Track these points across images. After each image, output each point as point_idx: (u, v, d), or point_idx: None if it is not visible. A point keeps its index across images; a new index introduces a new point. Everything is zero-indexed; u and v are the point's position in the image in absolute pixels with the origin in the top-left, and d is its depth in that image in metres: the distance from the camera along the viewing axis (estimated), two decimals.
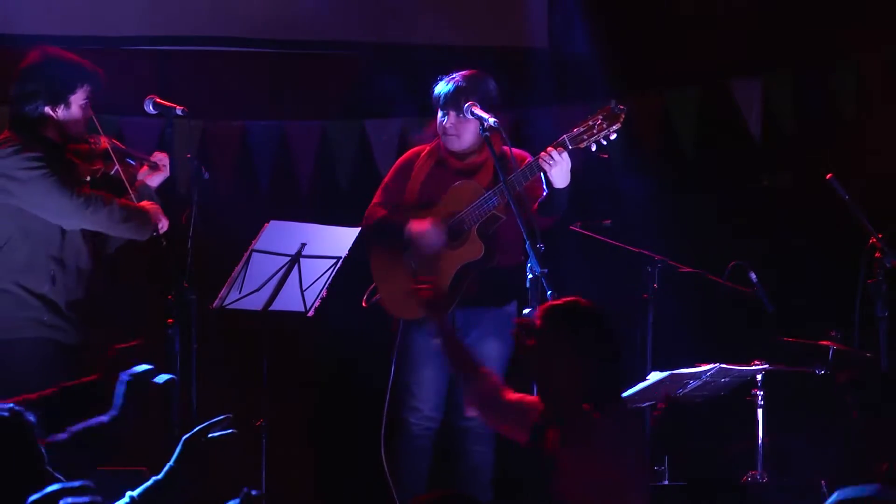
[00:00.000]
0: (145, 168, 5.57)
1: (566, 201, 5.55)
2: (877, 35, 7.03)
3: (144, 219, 5.38)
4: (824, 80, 7.21)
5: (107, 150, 5.41)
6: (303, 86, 7.56)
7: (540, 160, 5.44)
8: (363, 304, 5.87)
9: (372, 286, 5.87)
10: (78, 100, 5.38)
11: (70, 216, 5.30)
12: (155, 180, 5.58)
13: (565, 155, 5.44)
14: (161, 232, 5.43)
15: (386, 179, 5.96)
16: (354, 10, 7.47)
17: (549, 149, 5.45)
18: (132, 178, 5.52)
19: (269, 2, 7.40)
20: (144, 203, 5.43)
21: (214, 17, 7.33)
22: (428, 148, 5.89)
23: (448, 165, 5.80)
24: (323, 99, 7.66)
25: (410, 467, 5.78)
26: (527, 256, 5.15)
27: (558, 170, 5.44)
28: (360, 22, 7.48)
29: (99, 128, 5.44)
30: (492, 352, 5.70)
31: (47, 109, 5.35)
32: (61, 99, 5.36)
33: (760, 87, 7.28)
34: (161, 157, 5.56)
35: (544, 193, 5.56)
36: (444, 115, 5.75)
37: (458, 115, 5.70)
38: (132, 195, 5.42)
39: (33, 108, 5.35)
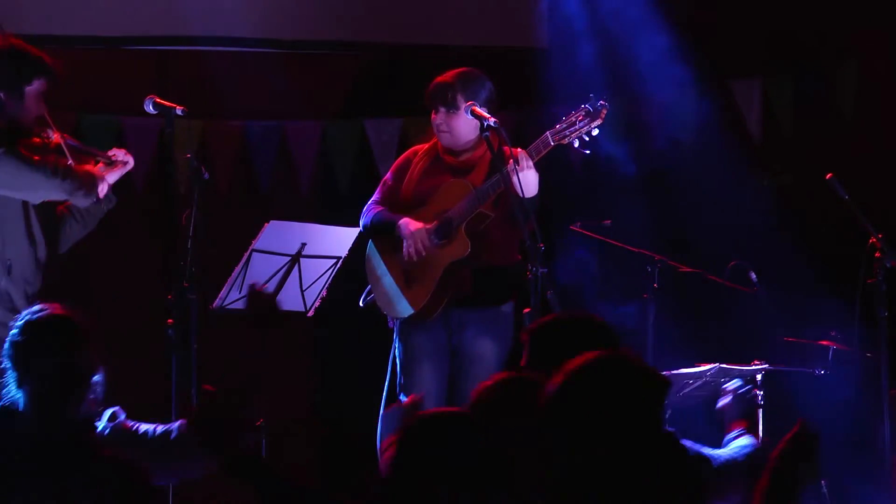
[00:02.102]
0: (101, 165, 5.45)
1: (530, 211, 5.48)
2: (877, 35, 7.03)
3: (91, 182, 5.29)
4: (824, 80, 7.22)
5: (59, 145, 5.31)
6: (303, 86, 7.56)
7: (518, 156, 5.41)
8: (360, 305, 5.87)
9: (368, 287, 5.87)
10: (32, 92, 5.27)
11: (41, 187, 5.19)
12: (112, 177, 5.47)
13: (530, 163, 5.40)
14: (101, 196, 5.33)
15: (385, 177, 5.97)
16: (355, 10, 7.47)
17: (524, 152, 5.42)
18: None
19: (269, 2, 7.40)
20: (87, 167, 5.34)
21: (214, 17, 7.32)
22: (426, 146, 5.90)
23: (443, 163, 5.80)
24: (323, 99, 7.66)
25: None
26: (524, 256, 5.14)
27: (522, 175, 5.39)
28: (360, 22, 7.49)
29: (51, 123, 5.32)
30: (487, 352, 5.70)
31: (1, 96, 5.24)
32: (16, 87, 5.25)
33: (760, 87, 7.29)
34: (118, 153, 5.48)
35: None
36: (434, 112, 5.75)
37: (447, 111, 5.70)
38: None
39: None
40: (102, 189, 5.34)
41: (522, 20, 7.56)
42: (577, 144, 5.45)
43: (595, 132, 5.42)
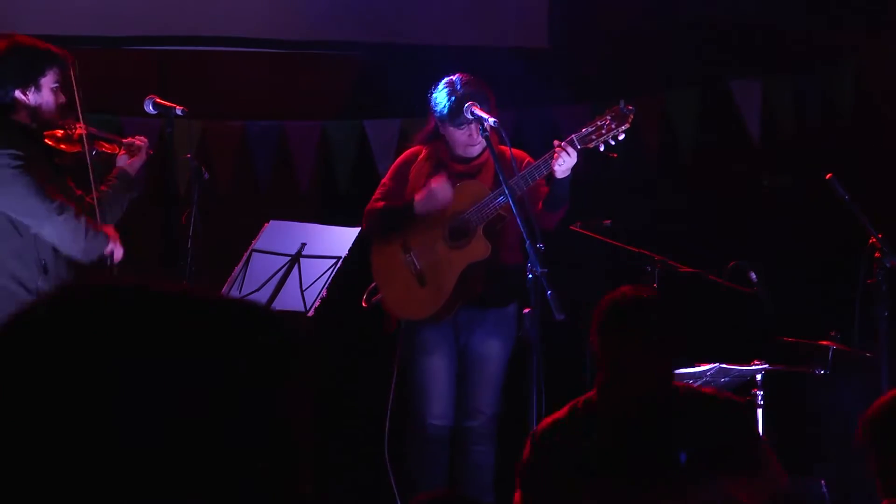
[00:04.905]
0: (123, 153, 5.49)
1: (568, 192, 5.57)
2: (876, 35, 7.03)
3: (101, 243, 5.26)
4: (824, 81, 7.22)
5: (82, 135, 5.30)
6: (303, 86, 7.56)
7: (553, 161, 5.44)
8: (363, 305, 5.86)
9: (371, 286, 5.86)
10: (48, 83, 5.28)
11: (41, 219, 5.15)
12: (134, 165, 5.51)
13: (574, 153, 5.45)
14: (114, 262, 5.31)
15: (384, 180, 5.96)
16: (355, 10, 7.47)
17: (561, 149, 5.43)
18: (110, 163, 5.47)
19: (269, 2, 7.40)
20: (107, 228, 5.32)
21: (214, 17, 7.33)
22: (425, 151, 5.87)
23: (449, 168, 5.79)
24: (323, 99, 7.66)
25: (430, 473, 5.75)
26: (527, 256, 5.15)
27: (566, 167, 5.45)
28: (359, 22, 7.49)
29: (80, 114, 5.32)
30: (493, 352, 5.71)
31: (18, 94, 5.25)
32: (31, 82, 5.26)
33: (760, 87, 7.29)
34: (138, 140, 5.50)
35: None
36: (459, 126, 5.69)
37: (476, 125, 5.65)
38: (110, 181, 5.40)
39: (3, 93, 5.25)
40: (118, 252, 5.31)
41: (523, 20, 7.56)
42: (602, 149, 5.48)
43: (621, 136, 5.44)
